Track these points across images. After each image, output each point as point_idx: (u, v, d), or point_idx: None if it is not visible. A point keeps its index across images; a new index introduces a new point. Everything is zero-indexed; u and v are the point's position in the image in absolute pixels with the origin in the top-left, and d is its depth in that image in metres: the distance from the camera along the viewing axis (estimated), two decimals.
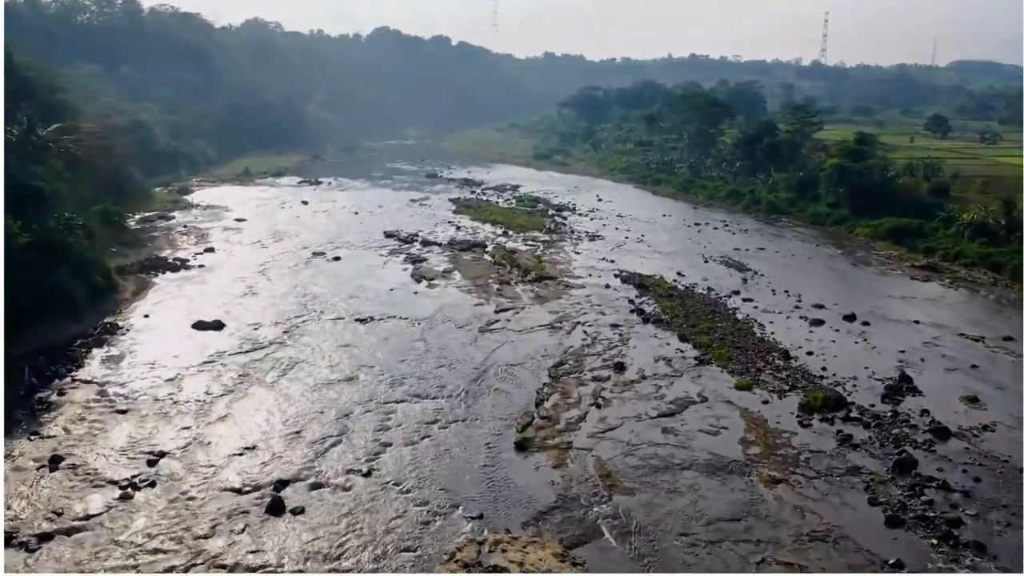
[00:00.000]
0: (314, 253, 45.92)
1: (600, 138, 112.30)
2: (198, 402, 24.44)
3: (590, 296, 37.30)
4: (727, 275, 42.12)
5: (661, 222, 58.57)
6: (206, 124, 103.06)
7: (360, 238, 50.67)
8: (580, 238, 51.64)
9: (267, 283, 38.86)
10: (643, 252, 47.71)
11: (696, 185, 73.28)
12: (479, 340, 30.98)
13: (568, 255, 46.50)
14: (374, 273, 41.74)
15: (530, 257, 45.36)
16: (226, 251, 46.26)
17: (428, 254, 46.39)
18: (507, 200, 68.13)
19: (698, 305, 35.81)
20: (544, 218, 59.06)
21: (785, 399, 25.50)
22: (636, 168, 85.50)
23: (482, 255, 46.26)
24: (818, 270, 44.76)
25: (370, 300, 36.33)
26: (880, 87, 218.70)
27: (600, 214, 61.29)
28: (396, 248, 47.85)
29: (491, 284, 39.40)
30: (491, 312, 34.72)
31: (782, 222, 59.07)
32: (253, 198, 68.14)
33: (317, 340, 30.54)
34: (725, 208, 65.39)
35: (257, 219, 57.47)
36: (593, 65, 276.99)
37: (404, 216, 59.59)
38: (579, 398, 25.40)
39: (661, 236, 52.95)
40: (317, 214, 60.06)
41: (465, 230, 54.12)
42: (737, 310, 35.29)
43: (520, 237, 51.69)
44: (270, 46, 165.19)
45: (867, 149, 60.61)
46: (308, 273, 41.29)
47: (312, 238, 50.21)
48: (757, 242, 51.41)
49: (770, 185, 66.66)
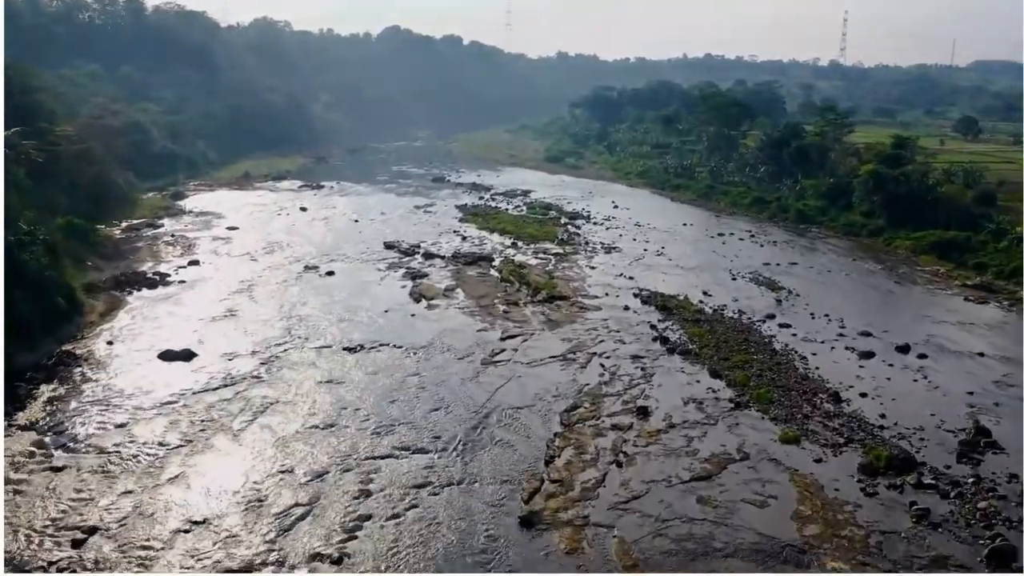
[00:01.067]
0: (306, 267, 42.32)
1: (614, 140, 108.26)
2: (148, 456, 20.80)
3: (607, 320, 33.42)
4: (759, 295, 38.11)
5: (682, 232, 54.56)
6: (208, 125, 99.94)
7: (358, 250, 47.03)
8: (595, 250, 47.75)
9: (250, 303, 35.24)
10: (664, 267, 43.76)
11: (717, 191, 69.17)
12: (482, 375, 27.20)
13: (582, 270, 42.63)
14: (369, 291, 38.06)
15: (541, 273, 41.53)
16: (212, 264, 42.75)
17: (430, 268, 42.69)
18: (517, 207, 64.34)
19: (729, 332, 31.84)
20: (556, 227, 55.20)
21: (841, 456, 21.54)
22: (653, 172, 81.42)
23: (488, 270, 42.48)
24: (859, 289, 40.64)
25: (362, 324, 32.64)
26: (900, 87, 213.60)
27: (616, 223, 57.35)
28: (395, 261, 44.16)
29: (497, 305, 35.61)
30: (496, 339, 30.95)
31: (812, 232, 54.87)
32: (249, 204, 64.71)
33: (297, 375, 26.86)
34: (750, 217, 61.26)
35: (250, 227, 53.99)
36: (607, 65, 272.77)
37: (407, 224, 55.92)
38: (597, 453, 21.56)
39: (683, 248, 48.96)
40: (315, 222, 56.50)
41: (471, 241, 50.37)
42: (774, 338, 31.29)
43: (530, 249, 47.87)
44: (278, 45, 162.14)
45: (905, 154, 56.29)
46: (297, 291, 37.67)
47: (306, 250, 46.63)
48: (788, 255, 47.32)
49: (797, 192, 62.46)
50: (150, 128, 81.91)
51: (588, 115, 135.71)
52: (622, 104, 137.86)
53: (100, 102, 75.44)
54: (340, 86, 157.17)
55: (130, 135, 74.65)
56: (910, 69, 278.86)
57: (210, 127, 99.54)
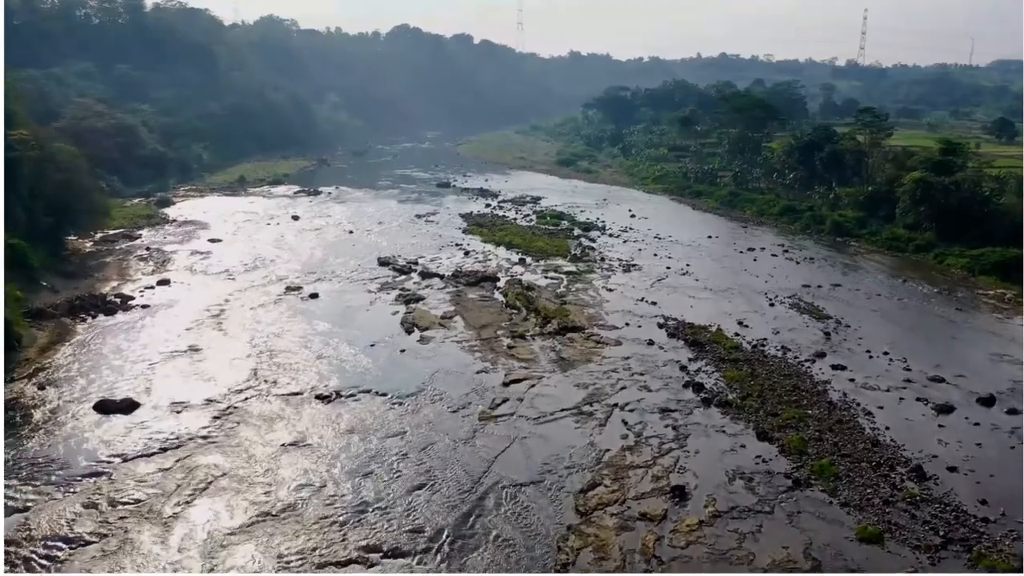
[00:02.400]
0: (288, 288, 37.71)
1: (629, 142, 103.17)
2: (43, 561, 16.16)
3: (629, 359, 28.56)
4: (803, 326, 33.10)
5: (707, 246, 49.56)
6: (205, 126, 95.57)
7: (348, 267, 42.39)
8: (612, 268, 42.87)
9: (217, 335, 30.62)
10: (690, 289, 38.83)
11: (742, 199, 64.08)
12: (479, 435, 22.42)
13: (598, 293, 37.76)
14: (356, 318, 33.37)
15: (551, 296, 36.71)
16: (183, 284, 38.22)
17: (426, 290, 37.96)
18: (526, 216, 59.51)
19: (774, 376, 26.90)
20: (568, 240, 50.34)
21: (941, 563, 16.62)
22: (672, 177, 76.33)
23: (492, 293, 37.69)
24: (916, 318, 35.54)
25: (342, 362, 27.95)
26: (921, 87, 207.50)
27: (634, 235, 52.43)
28: (389, 282, 39.47)
29: (501, 338, 30.82)
30: (499, 383, 26.18)
31: (851, 247, 49.71)
32: (239, 211, 60.26)
33: (256, 435, 22.17)
34: (780, 228, 56.17)
35: (235, 239, 49.50)
36: (620, 65, 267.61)
37: (405, 236, 51.24)
38: (622, 556, 16.75)
39: (709, 266, 44.01)
40: (305, 233, 51.91)
41: (475, 256, 45.63)
42: (828, 385, 26.32)
43: (540, 266, 43.07)
44: (283, 44, 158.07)
45: (956, 160, 50.99)
46: (273, 318, 33.03)
47: (291, 267, 42.04)
48: (829, 275, 42.23)
49: (831, 201, 57.28)
50: (140, 130, 77.59)
51: (601, 116, 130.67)
52: (636, 105, 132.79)
53: (84, 103, 71.19)
54: (347, 86, 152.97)
55: (117, 137, 70.60)
56: (929, 69, 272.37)
57: (207, 128, 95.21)
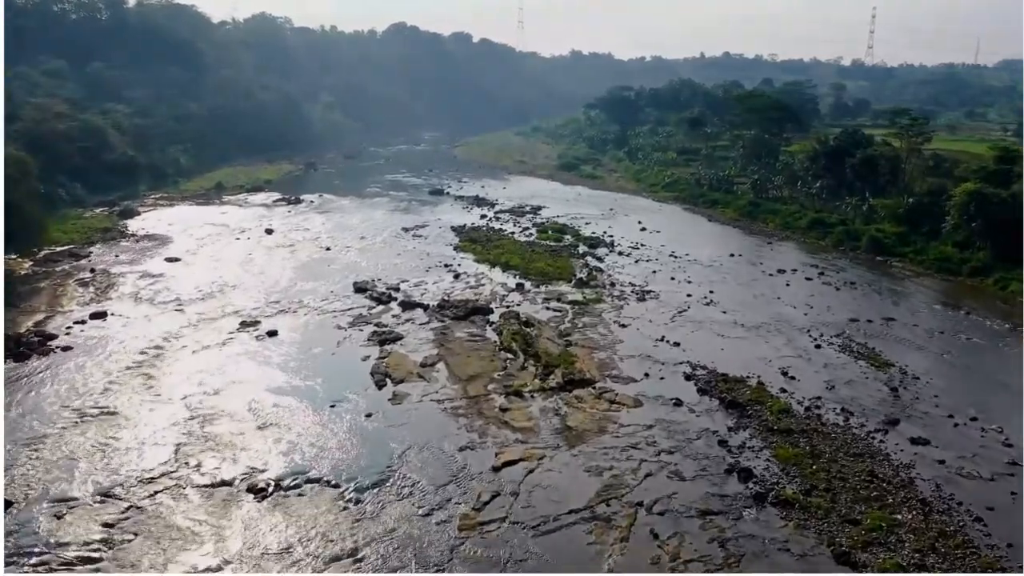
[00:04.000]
0: (244, 323, 31.91)
1: (635, 145, 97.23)
2: None
3: (652, 428, 22.72)
4: (860, 376, 27.24)
5: (730, 267, 43.72)
6: (185, 128, 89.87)
7: (319, 294, 36.59)
8: (624, 296, 37.01)
9: (143, 392, 24.79)
10: (718, 324, 32.98)
11: (763, 209, 58.22)
12: (457, 557, 16.59)
13: (610, 330, 31.91)
14: (318, 366, 27.56)
15: (554, 335, 30.88)
16: (122, 318, 32.44)
17: (407, 325, 32.16)
18: (525, 229, 53.65)
19: (840, 454, 21.06)
20: (573, 259, 44.51)
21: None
22: (683, 184, 70.42)
23: (484, 329, 31.84)
24: (996, 366, 29.58)
25: (291, 434, 22.13)
26: (929, 87, 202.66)
27: (647, 252, 46.60)
28: (364, 314, 33.64)
29: (492, 394, 24.99)
30: (487, 466, 20.39)
31: (895, 269, 43.81)
32: (208, 224, 54.47)
33: (158, 553, 16.36)
34: (808, 244, 50.30)
35: (196, 258, 43.74)
36: (622, 64, 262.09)
37: (389, 254, 45.44)
38: None
39: (736, 293, 38.17)
40: (277, 250, 46.11)
41: (466, 279, 39.82)
42: (912, 469, 20.46)
43: (541, 293, 37.24)
44: (276, 42, 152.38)
45: (1013, 169, 45.14)
46: (217, 365, 27.23)
47: (253, 295, 36.22)
48: (876, 305, 36.40)
49: (865, 213, 51.44)
50: (109, 132, 71.76)
51: (605, 117, 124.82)
52: (641, 105, 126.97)
53: (44, 104, 65.35)
54: (342, 86, 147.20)
55: (82, 141, 64.86)
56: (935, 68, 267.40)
57: (187, 131, 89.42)
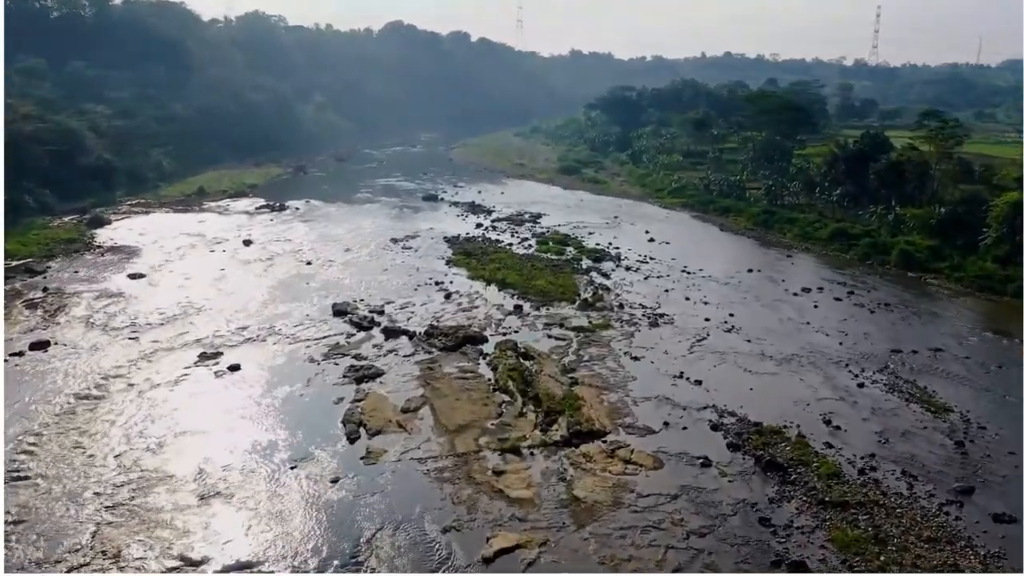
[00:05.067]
0: (204, 355, 28.02)
1: (639, 148, 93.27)
2: None
3: (676, 499, 18.80)
4: (916, 426, 23.31)
5: (749, 284, 39.81)
6: (169, 130, 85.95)
7: (294, 318, 32.69)
8: (635, 320, 33.08)
9: (69, 448, 20.85)
10: (743, 356, 29.06)
11: (779, 218, 54.28)
12: None
13: (620, 364, 27.99)
14: (280, 411, 23.63)
15: (556, 371, 26.95)
16: (67, 347, 28.55)
17: (389, 357, 28.27)
18: (524, 240, 49.75)
19: (911, 538, 17.14)
20: (576, 275, 40.62)
21: None
22: (691, 190, 66.49)
23: (478, 362, 27.92)
24: None
25: (241, 507, 18.21)
26: (934, 87, 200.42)
27: (656, 267, 42.73)
28: (341, 343, 29.73)
29: (485, 451, 21.06)
30: (477, 556, 16.48)
31: (931, 287, 39.87)
32: (183, 233, 50.59)
33: None
34: (830, 257, 46.41)
35: (162, 275, 39.84)
36: (622, 64, 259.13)
37: (375, 270, 41.56)
38: None
39: (759, 315, 34.28)
40: (253, 265, 42.23)
41: (458, 299, 35.92)
42: (1002, 560, 16.58)
43: (541, 317, 33.32)
44: (269, 41, 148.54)
45: None
46: (166, 410, 23.30)
47: (219, 319, 32.31)
48: (918, 332, 32.50)
49: (892, 224, 47.57)
50: (85, 135, 67.99)
51: (606, 118, 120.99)
52: (643, 106, 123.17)
53: (12, 104, 61.38)
54: (337, 86, 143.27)
55: (53, 145, 60.99)
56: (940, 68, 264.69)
57: (172, 132, 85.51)
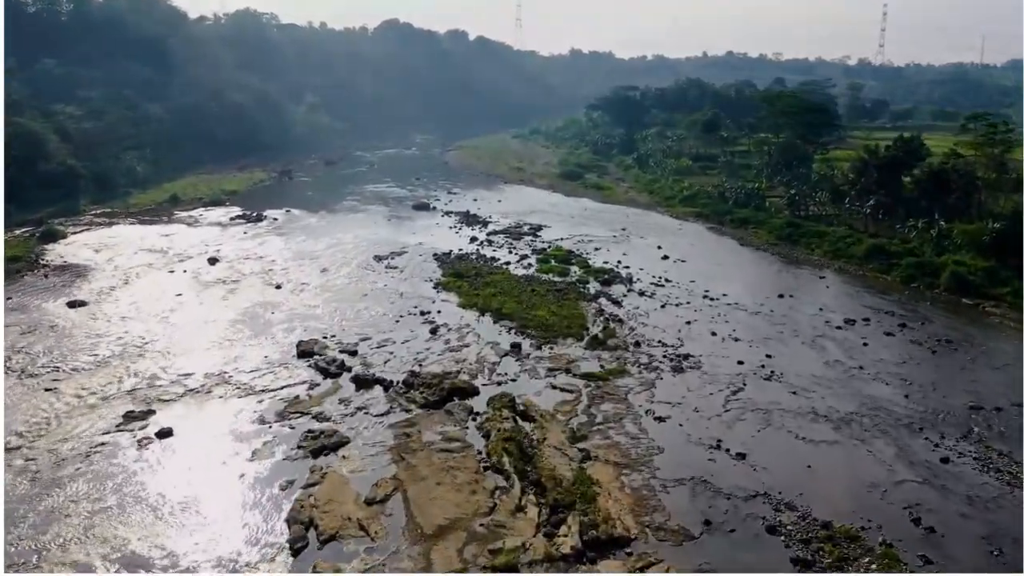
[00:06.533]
0: (130, 415, 22.83)
1: (644, 151, 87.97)
2: None
3: None
4: None
5: (782, 313, 34.57)
6: (146, 132, 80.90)
7: (250, 361, 27.47)
8: (655, 363, 27.83)
9: None
10: (791, 414, 23.82)
11: (805, 232, 49.01)
12: None
13: (642, 427, 22.74)
14: (211, 504, 18.41)
15: (563, 438, 21.70)
16: None
17: (358, 417, 23.06)
18: (523, 256, 44.55)
19: None
20: (583, 302, 35.38)
21: None
22: (704, 199, 61.25)
23: (465, 425, 22.70)
24: None
25: None
26: (941, 87, 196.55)
27: (674, 291, 37.52)
28: (302, 397, 24.50)
29: (472, 568, 15.87)
30: None
31: (993, 317, 34.61)
32: (145, 249, 45.46)
33: None
34: (870, 279, 41.17)
35: (108, 302, 34.67)
36: (623, 63, 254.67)
37: (353, 295, 36.34)
38: None
39: (801, 356, 29.05)
40: (214, 290, 37.02)
41: (446, 335, 30.68)
42: None
43: (544, 360, 28.08)
44: (260, 40, 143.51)
45: None
46: (58, 501, 18.09)
47: (160, 363, 27.12)
48: (993, 377, 27.24)
49: (936, 240, 42.40)
50: (48, 139, 62.85)
51: (608, 119, 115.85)
52: (647, 106, 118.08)
53: None
54: (329, 85, 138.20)
55: (12, 149, 55.75)
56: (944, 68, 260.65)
57: (147, 135, 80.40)
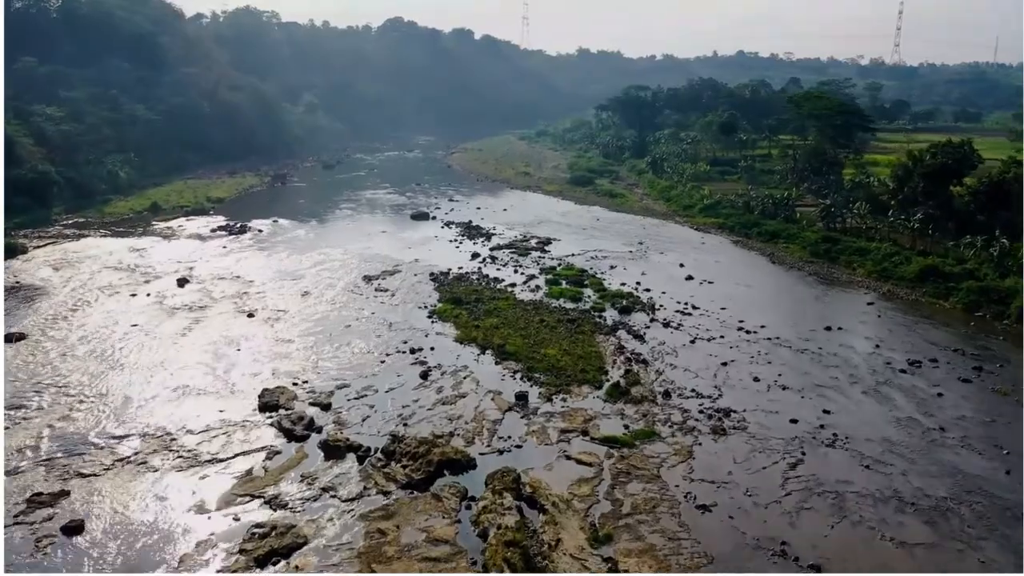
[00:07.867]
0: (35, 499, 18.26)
1: (658, 155, 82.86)
2: None
3: None
4: None
5: (833, 351, 29.66)
6: (131, 135, 76.21)
7: (201, 417, 22.78)
8: (691, 423, 22.95)
9: None
10: (867, 499, 18.97)
11: (843, 248, 44.05)
12: None
13: (682, 520, 17.90)
14: None
15: (582, 537, 16.89)
16: None
17: (322, 501, 18.36)
18: (530, 276, 39.75)
19: None
20: (600, 335, 30.56)
21: None
22: (727, 208, 56.27)
23: (457, 516, 17.90)
24: None
25: None
26: (958, 87, 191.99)
27: (704, 321, 32.64)
28: (255, 470, 19.77)
29: None
30: None
31: None
32: (111, 266, 40.94)
33: None
34: (925, 305, 36.20)
35: (53, 334, 30.12)
36: (632, 63, 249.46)
37: (335, 326, 31.59)
38: None
39: (865, 409, 24.19)
40: (178, 318, 32.34)
41: (439, 382, 25.90)
42: None
43: (555, 417, 23.25)
44: (259, 38, 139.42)
45: None
46: None
47: (91, 419, 22.48)
48: None
49: (996, 259, 37.42)
50: (20, 143, 58.41)
51: (618, 120, 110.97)
52: (658, 107, 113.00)
53: None
54: (329, 85, 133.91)
55: None
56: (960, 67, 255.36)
57: (133, 137, 75.75)
